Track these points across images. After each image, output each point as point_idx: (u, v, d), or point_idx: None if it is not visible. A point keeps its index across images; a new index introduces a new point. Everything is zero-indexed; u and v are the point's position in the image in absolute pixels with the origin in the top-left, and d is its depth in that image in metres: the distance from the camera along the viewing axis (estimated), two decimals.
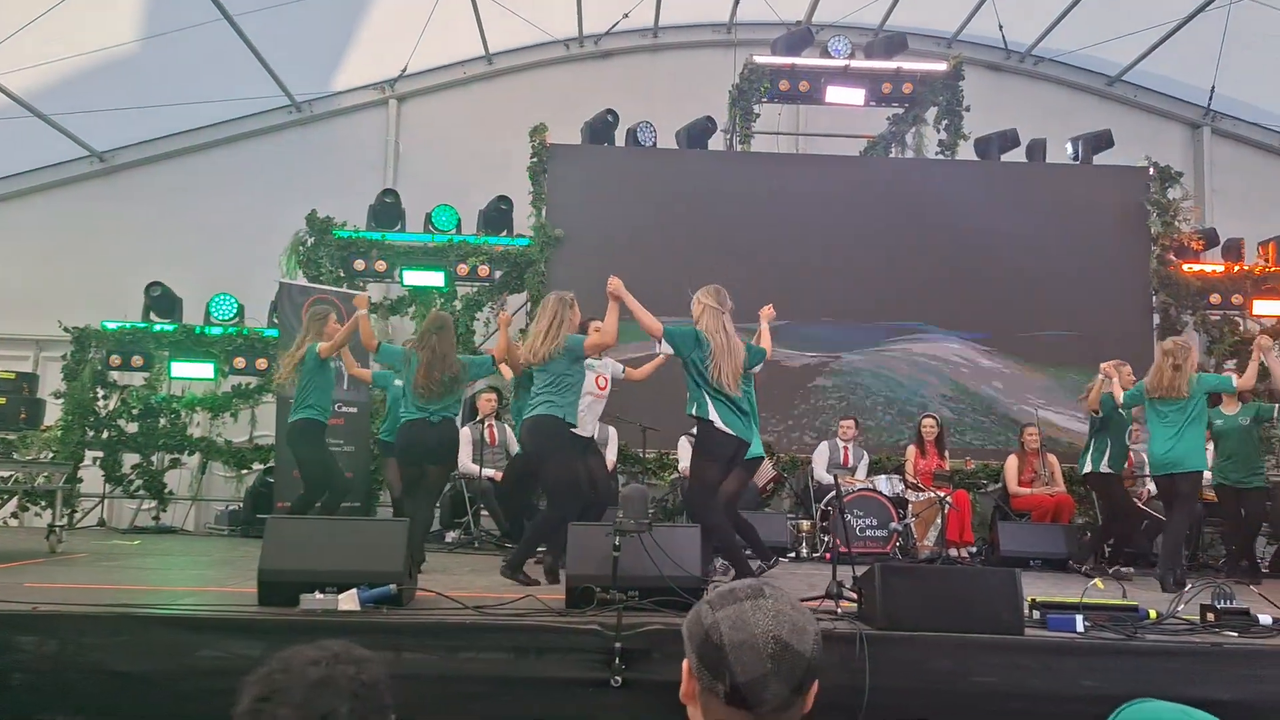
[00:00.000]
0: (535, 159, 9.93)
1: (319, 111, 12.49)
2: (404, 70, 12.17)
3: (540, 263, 9.70)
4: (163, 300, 10.00)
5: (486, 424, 8.38)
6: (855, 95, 10.65)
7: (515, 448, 8.76)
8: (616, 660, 3.89)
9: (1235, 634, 4.22)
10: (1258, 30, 10.81)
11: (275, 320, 9.41)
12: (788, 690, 1.40)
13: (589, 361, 6.31)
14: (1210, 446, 7.54)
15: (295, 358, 6.74)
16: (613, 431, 8.40)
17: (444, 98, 12.73)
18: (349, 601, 4.15)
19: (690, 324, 5.60)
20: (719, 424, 5.45)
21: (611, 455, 8.37)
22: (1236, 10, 10.51)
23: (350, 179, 11.48)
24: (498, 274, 9.82)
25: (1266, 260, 10.53)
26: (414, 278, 9.80)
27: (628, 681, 3.89)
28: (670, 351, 5.64)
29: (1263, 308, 10.24)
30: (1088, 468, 7.73)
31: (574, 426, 5.92)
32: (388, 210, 10.18)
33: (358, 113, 12.65)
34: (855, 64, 10.70)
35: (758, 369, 6.00)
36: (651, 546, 4.26)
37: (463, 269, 9.76)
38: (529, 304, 9.54)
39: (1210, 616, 4.39)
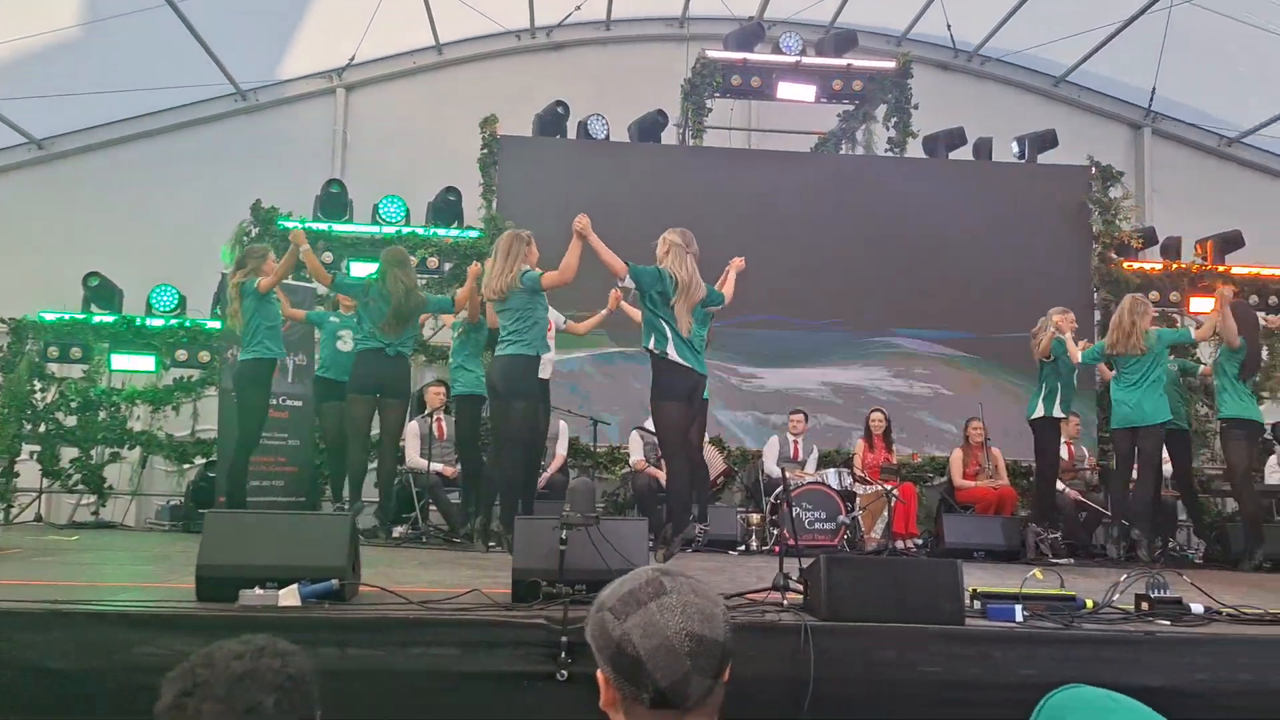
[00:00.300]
0: (485, 150, 9.86)
1: (265, 100, 12.29)
2: (352, 59, 12.02)
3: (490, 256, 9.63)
4: (102, 291, 9.78)
5: (435, 418, 8.31)
6: (806, 92, 10.73)
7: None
8: (563, 654, 3.88)
9: (1168, 623, 4.32)
10: (1197, 33, 11.07)
11: (218, 312, 9.24)
12: (709, 679, 1.40)
13: None
14: None
15: (233, 292, 6.63)
16: (563, 425, 8.39)
17: (393, 88, 12.60)
18: (289, 597, 4.09)
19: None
20: (674, 355, 5.56)
21: (562, 449, 8.36)
22: (1177, 14, 10.75)
23: (297, 169, 11.32)
24: (447, 266, 9.73)
25: (1203, 259, 10.79)
26: (361, 269, 9.64)
27: (574, 675, 3.88)
28: (633, 286, 5.76)
29: (1199, 305, 10.49)
30: (1038, 412, 7.68)
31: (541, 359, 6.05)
32: (334, 201, 10.05)
33: (305, 102, 12.47)
34: (806, 60, 10.78)
35: (716, 308, 6.07)
36: (599, 540, 4.25)
37: (412, 261, 9.64)
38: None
39: (1145, 606, 4.49)
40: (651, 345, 5.65)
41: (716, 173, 10.42)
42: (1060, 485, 8.53)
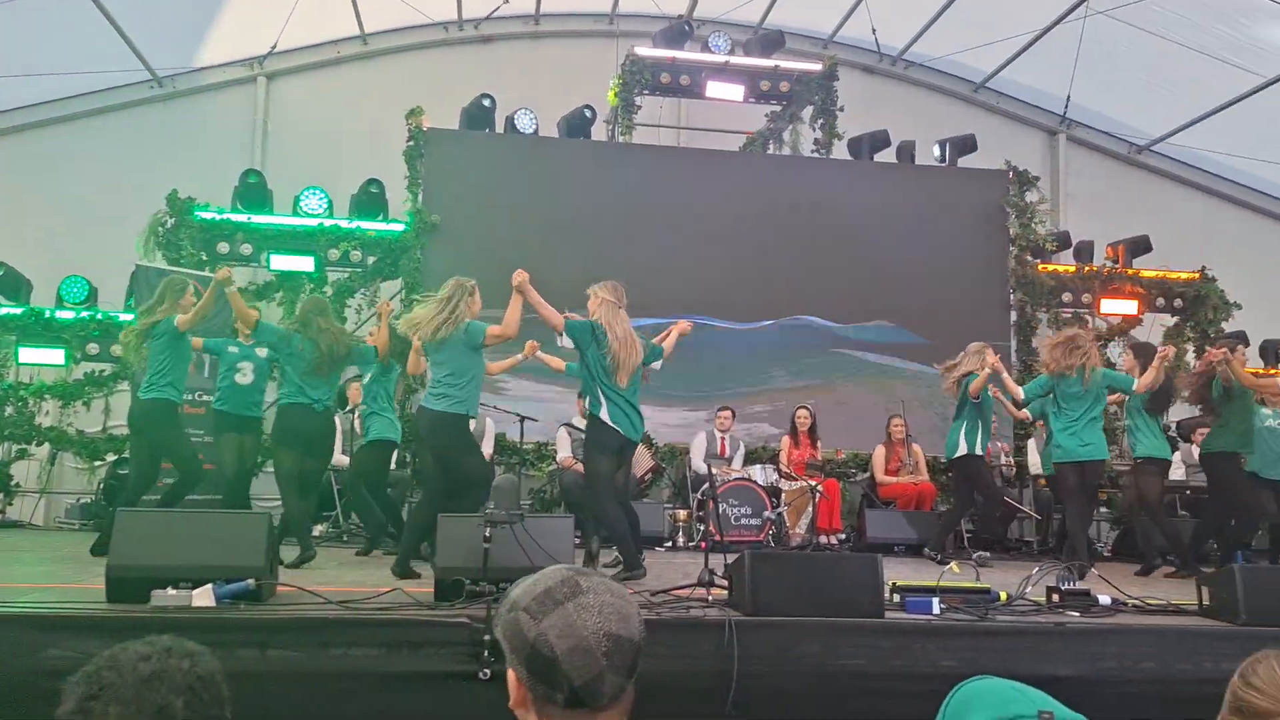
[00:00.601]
0: (411, 143, 9.71)
1: (182, 88, 11.93)
2: (273, 48, 11.74)
3: (416, 249, 9.51)
4: (8, 281, 9.41)
5: (356, 414, 8.18)
6: (734, 91, 10.81)
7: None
8: (486, 653, 3.85)
9: (1077, 614, 4.47)
10: (1109, 44, 11.44)
11: (132, 304, 8.96)
12: (622, 678, 1.40)
13: None
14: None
15: (144, 328, 6.34)
16: (490, 422, 8.33)
17: (316, 77, 12.34)
18: (204, 597, 3.99)
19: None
20: (608, 420, 5.58)
21: (488, 447, 8.29)
22: (1090, 25, 11.08)
23: (216, 159, 11.01)
24: (371, 260, 9.57)
25: (1114, 262, 11.15)
26: (282, 262, 9.46)
27: (497, 674, 3.86)
28: (571, 344, 5.71)
29: (1110, 306, 10.84)
30: (961, 450, 7.56)
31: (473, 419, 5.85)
32: (253, 191, 9.81)
33: (224, 90, 12.14)
34: (735, 60, 10.86)
35: (657, 366, 6.08)
36: (523, 537, 4.23)
37: (334, 254, 9.48)
38: (403, 291, 9.34)
39: (1055, 598, 4.64)
40: (587, 405, 5.77)
41: (645, 170, 10.44)
42: None
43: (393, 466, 8.48)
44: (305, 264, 9.46)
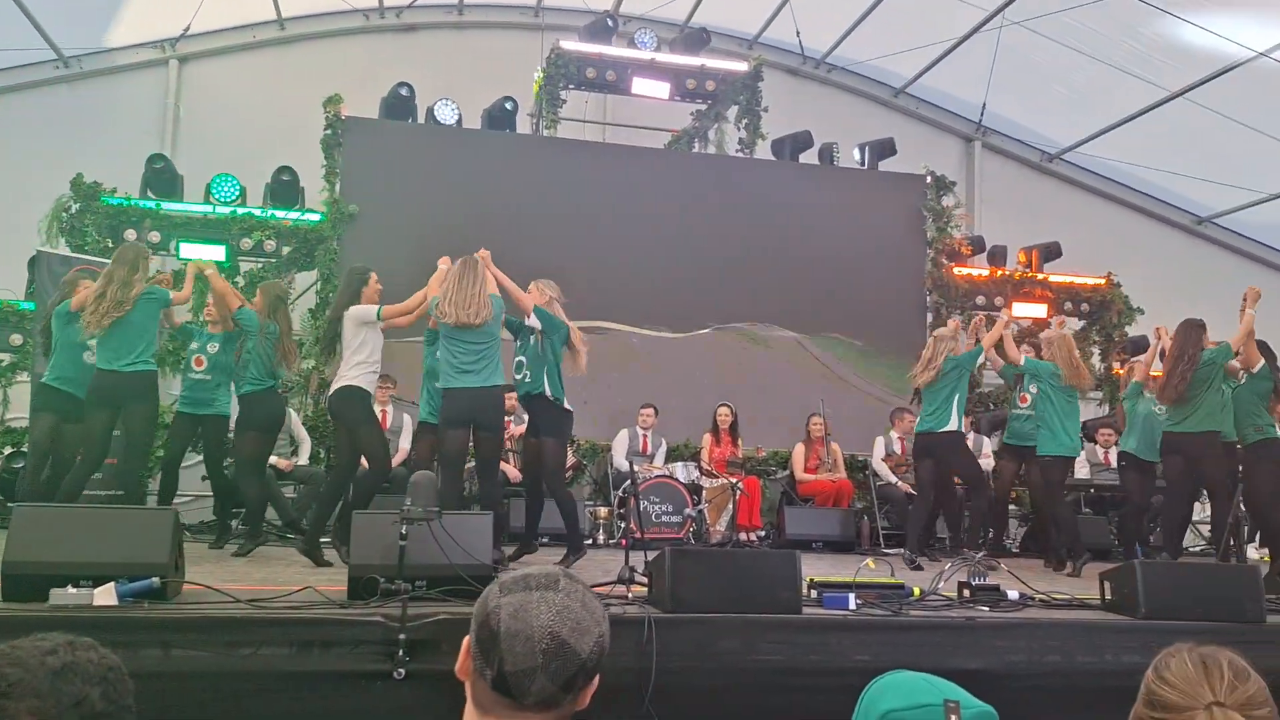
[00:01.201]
0: (329, 131, 9.48)
1: (90, 69, 11.48)
2: (186, 30, 11.36)
3: (332, 240, 9.29)
4: None
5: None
6: (660, 89, 10.81)
7: (302, 433, 8.38)
8: (401, 652, 3.78)
9: (987, 609, 4.57)
10: (1024, 54, 11.76)
11: (31, 292, 8.58)
12: (555, 688, 1.38)
13: None
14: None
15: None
16: (406, 418, 8.20)
17: (231, 61, 11.99)
18: (105, 596, 3.83)
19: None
20: (566, 404, 5.93)
21: (405, 443, 8.16)
22: (1006, 35, 11.38)
23: (124, 143, 10.62)
24: (285, 250, 9.32)
25: (1026, 267, 11.47)
26: (192, 251, 9.13)
27: (412, 674, 3.79)
28: (539, 326, 5.92)
29: (1021, 309, 11.14)
30: (951, 424, 7.47)
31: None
32: (161, 177, 9.46)
33: (134, 72, 11.72)
34: (661, 58, 10.86)
35: None
36: (441, 535, 4.16)
37: (246, 243, 9.20)
38: (319, 282, 9.13)
39: (966, 593, 4.74)
40: (548, 391, 5.83)
41: (570, 165, 10.38)
42: (893, 479, 8.91)
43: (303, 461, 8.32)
44: (216, 253, 9.15)
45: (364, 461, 6.09)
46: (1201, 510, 10.57)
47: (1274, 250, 14.53)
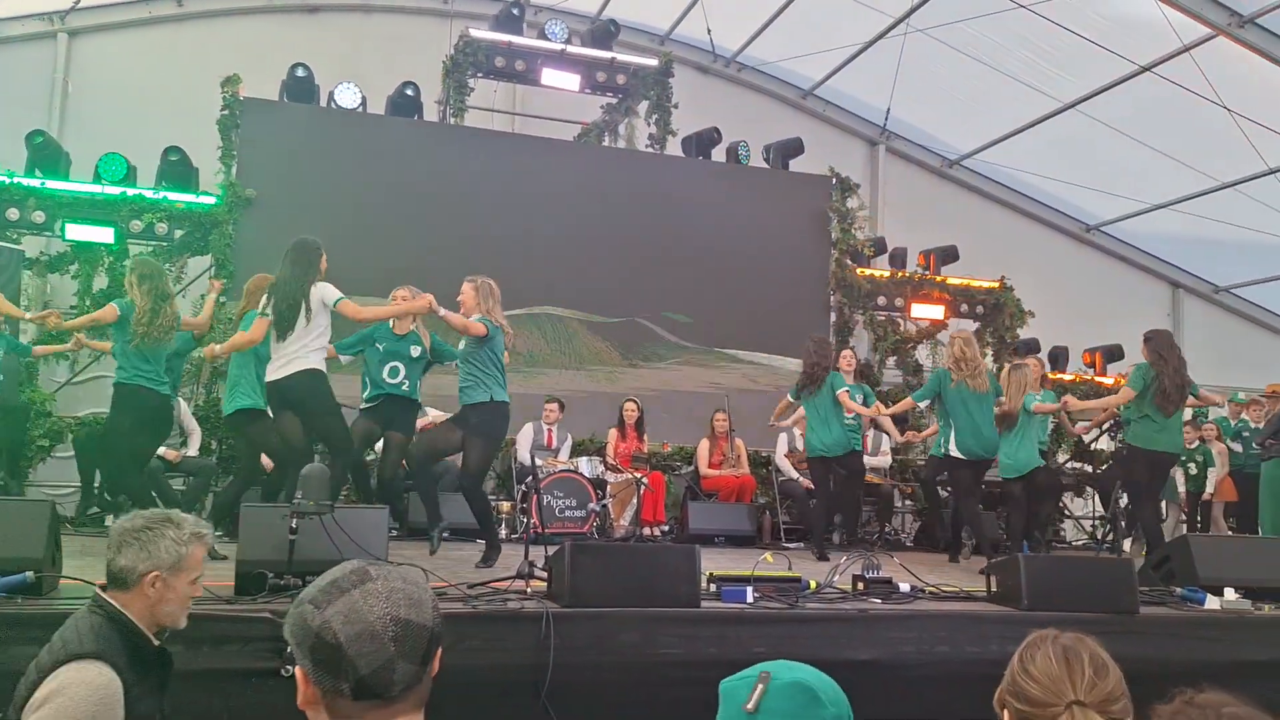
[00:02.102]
0: (227, 112, 9.14)
1: None
2: (77, 3, 10.85)
3: (227, 224, 8.96)
4: None
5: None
6: (570, 80, 10.75)
7: (192, 424, 8.09)
8: (288, 649, 3.67)
9: (879, 601, 4.68)
10: (927, 62, 12.06)
11: None
12: (415, 666, 1.37)
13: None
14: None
15: None
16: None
17: (125, 37, 11.51)
18: None
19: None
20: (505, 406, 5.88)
21: None
22: (910, 42, 11.64)
23: (8, 119, 10.06)
24: (178, 233, 8.96)
25: (925, 269, 11.77)
26: (78, 232, 8.71)
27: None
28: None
29: (919, 311, 11.43)
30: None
31: None
32: (43, 154, 8.98)
33: (19, 45, 11.16)
34: (571, 49, 10.79)
35: None
36: (333, 529, 4.06)
37: (136, 225, 8.80)
38: (213, 268, 8.82)
39: (860, 586, 4.84)
40: (494, 397, 5.82)
41: (477, 154, 10.24)
42: (795, 474, 9.04)
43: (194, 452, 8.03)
44: (104, 235, 8.74)
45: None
46: (1085, 506, 11.06)
47: (1155, 258, 15.25)
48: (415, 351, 6.46)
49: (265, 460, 6.44)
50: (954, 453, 7.36)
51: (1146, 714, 1.05)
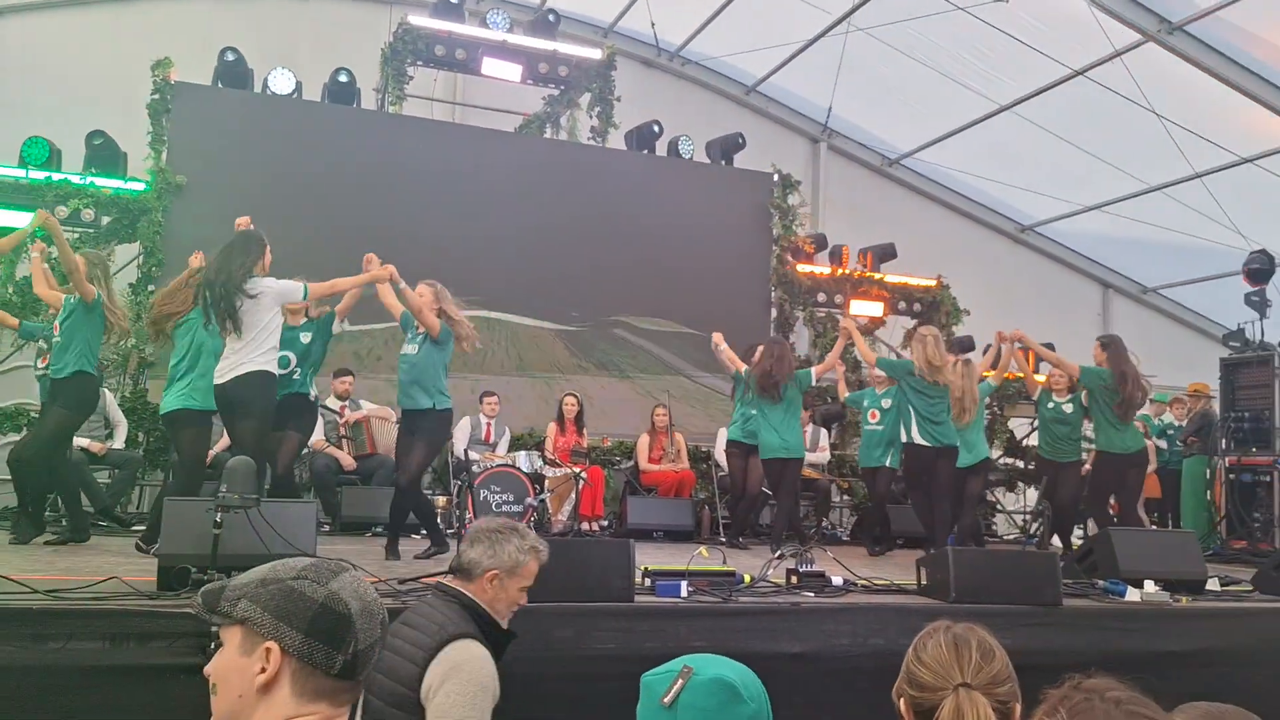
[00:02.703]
0: (157, 96, 8.91)
1: None
2: None
3: (157, 211, 8.74)
4: None
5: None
6: (512, 71, 10.64)
7: (118, 416, 7.88)
8: (213, 645, 3.58)
9: (812, 594, 4.72)
10: (868, 61, 12.18)
11: None
12: (377, 651, 1.43)
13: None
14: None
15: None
16: None
17: (51, 18, 11.13)
18: None
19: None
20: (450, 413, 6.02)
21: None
22: (851, 41, 11.76)
23: None
24: (105, 220, 8.72)
25: (864, 266, 11.91)
26: (1, 217, 8.45)
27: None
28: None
29: (858, 308, 11.56)
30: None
31: None
32: None
33: None
34: (513, 39, 10.69)
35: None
36: (260, 523, 3.97)
37: (62, 211, 8.53)
38: (141, 255, 8.59)
39: (794, 579, 4.87)
40: (437, 405, 5.90)
41: (415, 143, 10.10)
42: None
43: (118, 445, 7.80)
44: (28, 220, 8.46)
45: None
46: (1016, 501, 11.29)
47: (1086, 259, 15.61)
48: (306, 338, 6.17)
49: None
50: (918, 440, 7.28)
51: (1039, 701, 1.10)
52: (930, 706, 1.80)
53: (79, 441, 7.15)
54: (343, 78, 9.99)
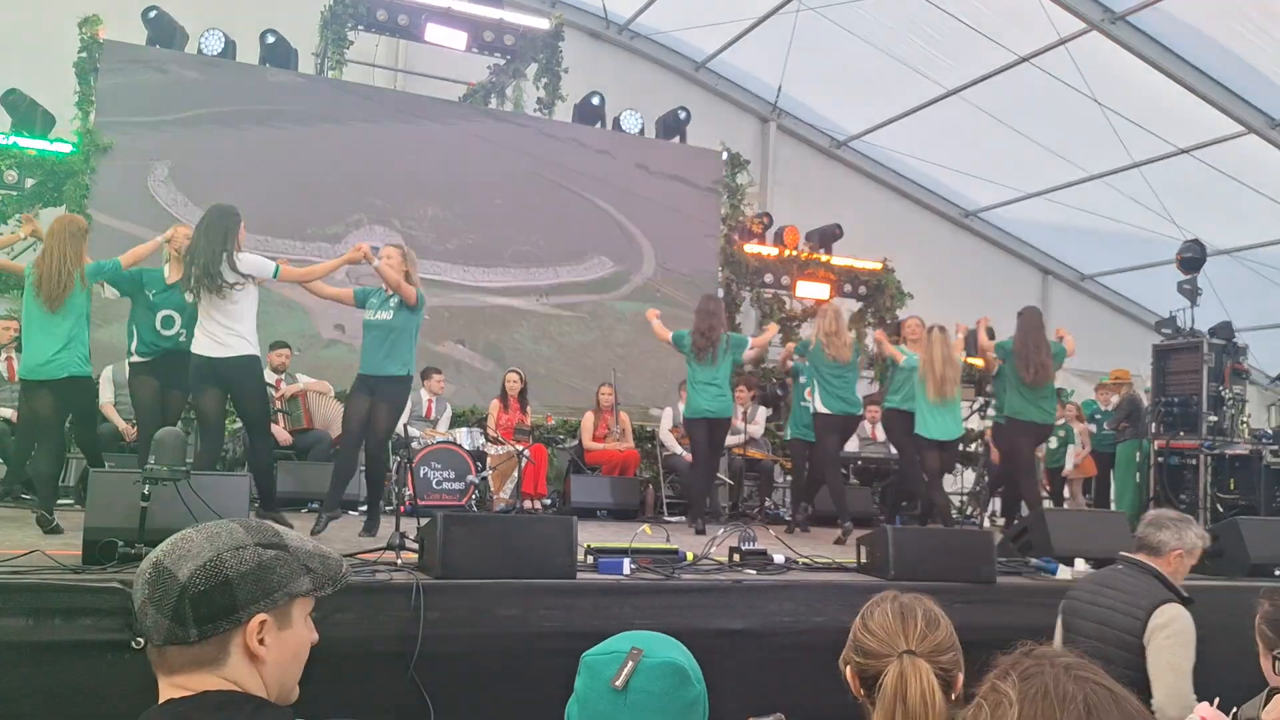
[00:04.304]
0: (84, 54, 8.58)
1: None
2: None
3: (84, 173, 8.43)
4: None
5: (4, 356, 7.19)
6: (456, 38, 10.41)
7: None
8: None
9: (754, 572, 4.73)
10: (818, 41, 12.16)
11: None
12: (165, 618, 1.29)
13: None
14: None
15: None
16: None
17: None
18: None
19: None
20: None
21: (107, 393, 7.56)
22: (801, 20, 11.73)
23: None
24: (29, 182, 8.38)
25: (811, 247, 11.95)
26: None
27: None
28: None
29: (805, 289, 11.62)
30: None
31: None
32: None
33: None
34: (458, 6, 10.43)
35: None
36: (190, 496, 3.85)
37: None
38: None
39: (736, 557, 4.88)
40: (409, 371, 5.89)
41: (356, 109, 9.87)
42: (680, 449, 9.07)
43: None
44: None
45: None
46: (954, 482, 11.47)
47: (1027, 245, 15.86)
48: (190, 298, 5.82)
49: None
50: (821, 409, 7.53)
51: (991, 667, 1.12)
52: (875, 673, 1.84)
53: (4, 412, 6.91)
54: (270, 39, 9.71)
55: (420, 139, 10.06)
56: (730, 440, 8.55)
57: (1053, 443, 10.33)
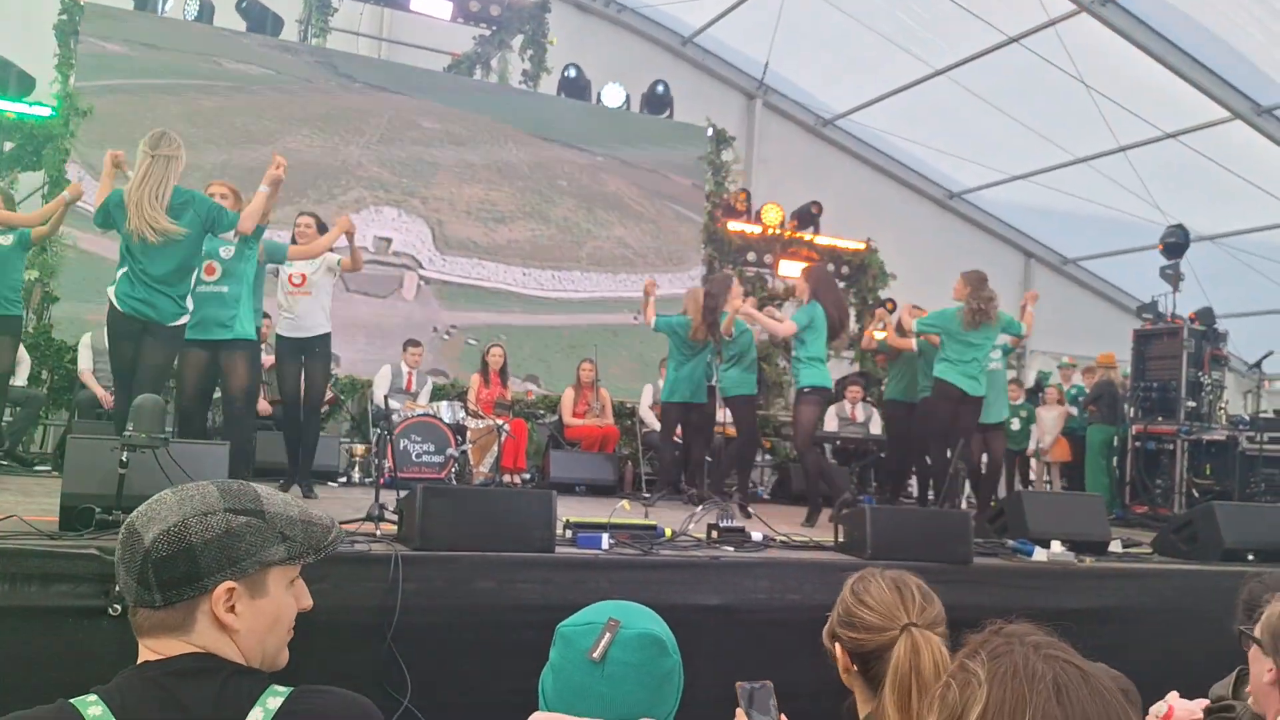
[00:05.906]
0: (64, 16, 8.45)
1: None
2: None
3: (64, 138, 8.32)
4: None
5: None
6: (442, 7, 10.34)
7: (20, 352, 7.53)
8: (116, 588, 3.47)
9: (731, 549, 4.76)
10: (805, 17, 12.10)
11: None
12: (133, 581, 1.30)
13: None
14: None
15: None
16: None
17: None
18: None
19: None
20: None
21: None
22: None
23: None
24: (8, 146, 8.27)
25: (795, 226, 11.94)
26: None
27: (127, 610, 3.49)
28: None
29: (787, 268, 11.62)
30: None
31: None
32: None
33: None
34: None
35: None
36: (168, 463, 3.83)
37: None
38: (47, 185, 8.19)
39: (714, 534, 4.91)
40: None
41: (340, 77, 9.79)
42: (659, 426, 9.07)
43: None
44: None
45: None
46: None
47: (1010, 227, 15.90)
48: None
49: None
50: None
51: (961, 645, 1.13)
52: (873, 648, 1.83)
53: None
54: (244, 3, 9.62)
55: (405, 108, 9.97)
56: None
57: (1015, 424, 10.37)
